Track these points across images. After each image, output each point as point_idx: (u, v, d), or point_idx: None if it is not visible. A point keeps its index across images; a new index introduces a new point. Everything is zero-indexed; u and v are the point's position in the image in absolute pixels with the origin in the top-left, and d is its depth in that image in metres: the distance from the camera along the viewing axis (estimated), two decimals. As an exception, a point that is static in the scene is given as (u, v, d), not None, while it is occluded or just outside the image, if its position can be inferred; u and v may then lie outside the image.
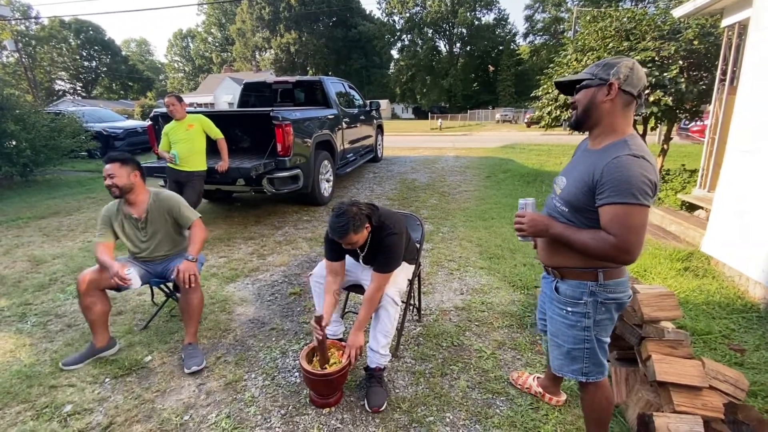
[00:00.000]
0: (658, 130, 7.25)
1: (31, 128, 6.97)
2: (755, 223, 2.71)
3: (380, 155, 9.16)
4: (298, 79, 6.76)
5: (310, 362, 1.84)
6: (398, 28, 48.94)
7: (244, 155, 4.99)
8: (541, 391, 1.86)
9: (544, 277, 1.55)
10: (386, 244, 1.85)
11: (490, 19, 48.10)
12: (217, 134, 4.08)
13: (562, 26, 40.76)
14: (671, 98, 4.41)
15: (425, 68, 47.02)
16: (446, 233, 4.23)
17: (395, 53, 51.99)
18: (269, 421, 1.78)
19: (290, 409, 1.85)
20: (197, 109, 5.41)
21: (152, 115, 4.88)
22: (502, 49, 46.48)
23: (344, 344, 1.90)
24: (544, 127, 6.36)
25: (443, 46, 49.65)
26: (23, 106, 7.36)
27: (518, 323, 2.51)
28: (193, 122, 3.94)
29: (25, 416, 1.82)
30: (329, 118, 5.65)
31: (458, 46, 49.00)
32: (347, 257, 2.07)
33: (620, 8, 6.01)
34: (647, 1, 33.24)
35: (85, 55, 46.77)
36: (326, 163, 5.41)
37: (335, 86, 6.52)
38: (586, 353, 1.36)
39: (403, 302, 2.12)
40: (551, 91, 5.90)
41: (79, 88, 47.70)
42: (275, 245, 4.00)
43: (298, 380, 2.03)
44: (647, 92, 4.41)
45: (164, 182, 4.35)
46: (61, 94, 43.33)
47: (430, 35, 48.08)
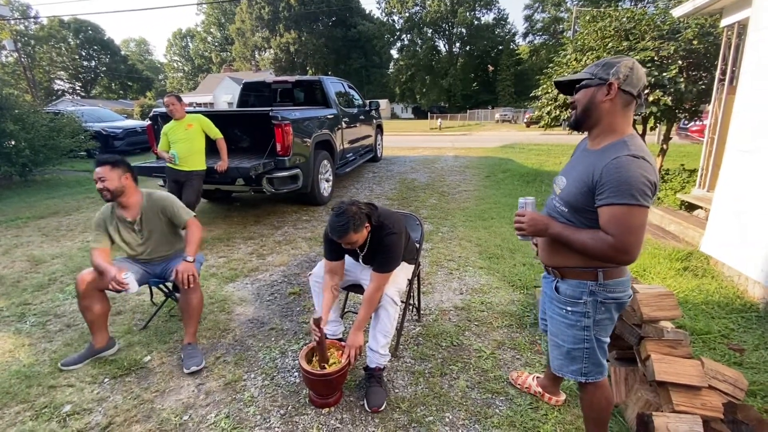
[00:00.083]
0: (657, 129, 7.25)
1: (30, 128, 6.96)
2: (754, 222, 2.72)
3: (380, 155, 9.16)
4: (297, 78, 6.75)
5: (309, 362, 1.84)
6: (398, 27, 48.93)
7: (243, 155, 4.98)
8: (540, 390, 1.86)
9: (544, 276, 1.55)
10: (386, 243, 1.85)
11: (489, 18, 48.19)
12: (216, 134, 4.08)
13: (561, 26, 40.76)
14: (670, 98, 4.42)
15: (425, 68, 47.00)
16: (446, 233, 4.23)
17: (395, 53, 52.06)
18: (268, 421, 1.78)
19: (289, 409, 1.85)
20: (196, 108, 5.41)
21: (151, 114, 4.88)
22: (501, 48, 46.48)
23: (344, 344, 1.90)
24: (543, 126, 6.36)
25: (443, 45, 49.69)
26: (22, 105, 7.35)
27: (518, 323, 2.51)
28: (192, 122, 3.94)
29: (24, 416, 1.82)
30: (329, 117, 5.65)
31: (458, 45, 49.00)
32: (347, 257, 2.07)
33: (620, 8, 6.01)
34: (647, 0, 33.27)
35: (84, 54, 46.70)
36: (326, 162, 5.41)
37: (335, 86, 6.51)
38: (585, 353, 1.36)
39: (402, 302, 2.11)
40: (551, 90, 5.91)
41: (78, 87, 47.65)
42: (275, 245, 4.00)
43: (297, 380, 2.03)
44: (646, 92, 4.41)
45: (163, 182, 4.35)
46: (60, 93, 43.26)
47: (429, 35, 48.06)
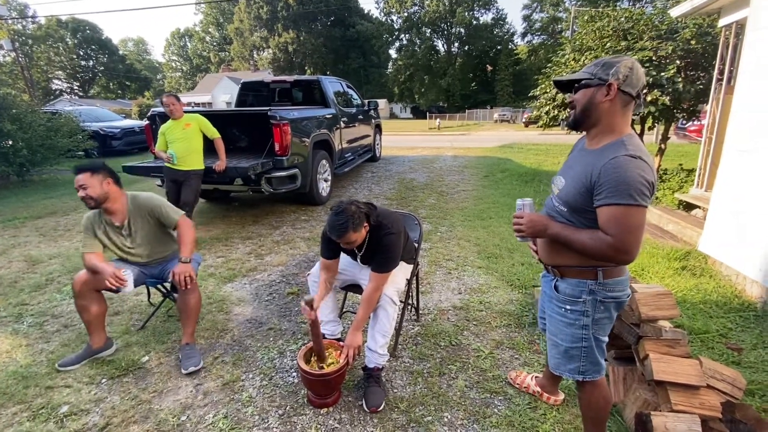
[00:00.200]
0: (655, 129, 7.27)
1: (27, 128, 6.94)
2: (752, 222, 2.72)
3: (378, 155, 9.15)
4: (296, 78, 6.76)
5: (307, 362, 1.84)
6: (396, 27, 48.84)
7: (241, 155, 4.97)
8: (539, 390, 1.86)
9: (543, 275, 1.55)
10: (384, 243, 1.85)
11: (488, 18, 48.11)
12: (213, 134, 4.07)
13: (560, 26, 40.81)
14: (668, 98, 4.43)
15: (423, 68, 46.97)
16: (444, 233, 4.23)
17: (393, 53, 51.96)
18: (267, 421, 1.78)
19: (288, 409, 1.85)
20: (195, 108, 5.40)
21: (149, 114, 4.86)
22: (500, 48, 46.44)
23: (342, 344, 1.89)
24: (542, 126, 6.38)
25: (441, 45, 49.65)
26: (20, 105, 7.34)
27: (516, 322, 2.51)
28: (190, 121, 3.92)
29: (21, 417, 1.81)
30: (327, 117, 5.64)
31: (456, 45, 48.96)
32: (346, 257, 2.07)
33: (618, 8, 6.03)
34: (645, 0, 33.33)
35: (82, 54, 46.56)
36: (324, 162, 5.41)
37: (333, 86, 6.51)
38: (583, 352, 1.36)
39: (401, 302, 2.11)
40: (549, 90, 5.92)
41: (76, 87, 47.49)
42: (273, 245, 3.99)
43: (295, 380, 2.03)
44: (645, 92, 4.42)
45: (161, 182, 4.34)
46: (58, 93, 43.08)
47: (428, 35, 48.00)
